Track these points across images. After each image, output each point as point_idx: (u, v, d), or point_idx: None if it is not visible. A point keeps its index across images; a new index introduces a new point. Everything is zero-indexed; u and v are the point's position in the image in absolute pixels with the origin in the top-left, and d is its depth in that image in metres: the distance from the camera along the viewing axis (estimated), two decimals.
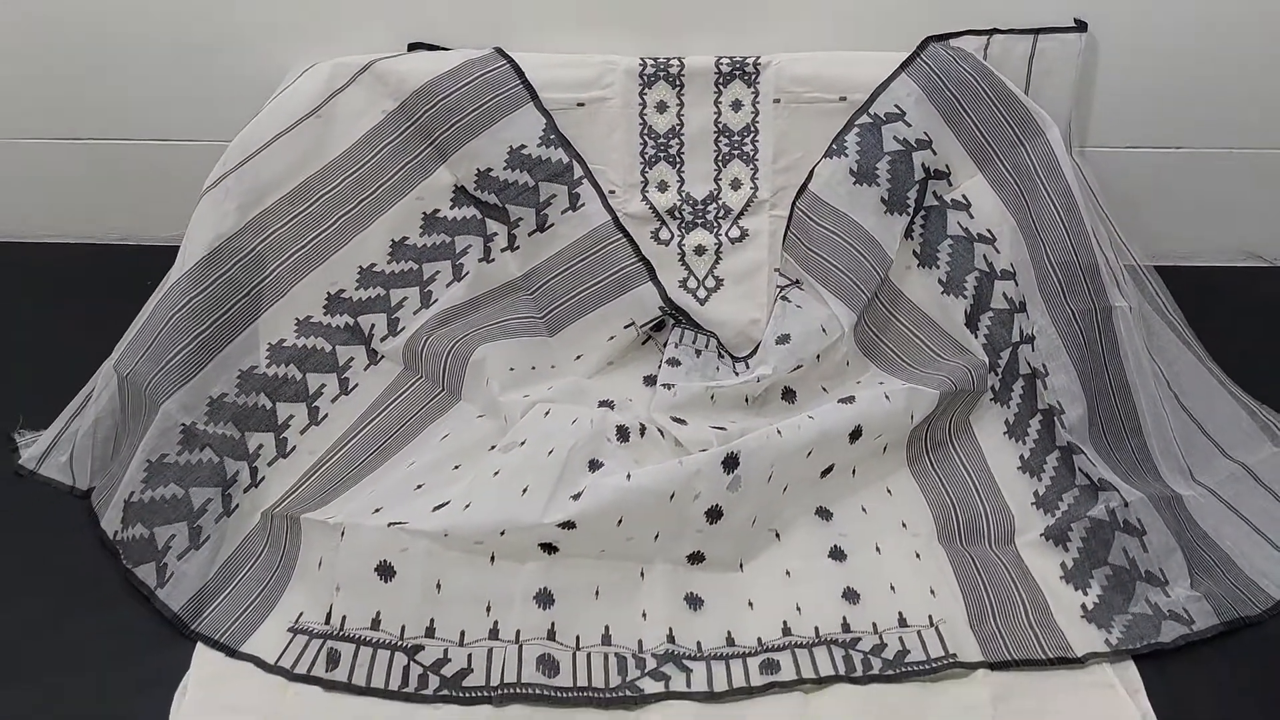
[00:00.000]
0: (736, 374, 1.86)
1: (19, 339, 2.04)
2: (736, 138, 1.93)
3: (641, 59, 1.89)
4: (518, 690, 1.46)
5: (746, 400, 1.81)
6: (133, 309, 1.86)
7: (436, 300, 1.91)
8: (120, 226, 2.25)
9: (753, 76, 1.89)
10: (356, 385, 1.85)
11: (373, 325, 1.88)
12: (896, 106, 1.84)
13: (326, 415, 1.81)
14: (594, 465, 1.63)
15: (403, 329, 1.88)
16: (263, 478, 1.73)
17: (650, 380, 1.89)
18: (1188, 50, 1.93)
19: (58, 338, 2.02)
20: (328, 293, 1.86)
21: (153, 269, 1.91)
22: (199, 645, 1.54)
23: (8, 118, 2.12)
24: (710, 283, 1.96)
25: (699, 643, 1.53)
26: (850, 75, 1.88)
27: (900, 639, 1.53)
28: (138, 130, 2.12)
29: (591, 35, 1.92)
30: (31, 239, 2.27)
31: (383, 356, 1.88)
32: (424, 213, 1.92)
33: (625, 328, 1.90)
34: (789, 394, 1.84)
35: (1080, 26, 1.86)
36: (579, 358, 1.91)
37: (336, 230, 1.87)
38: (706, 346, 1.91)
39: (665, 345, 1.90)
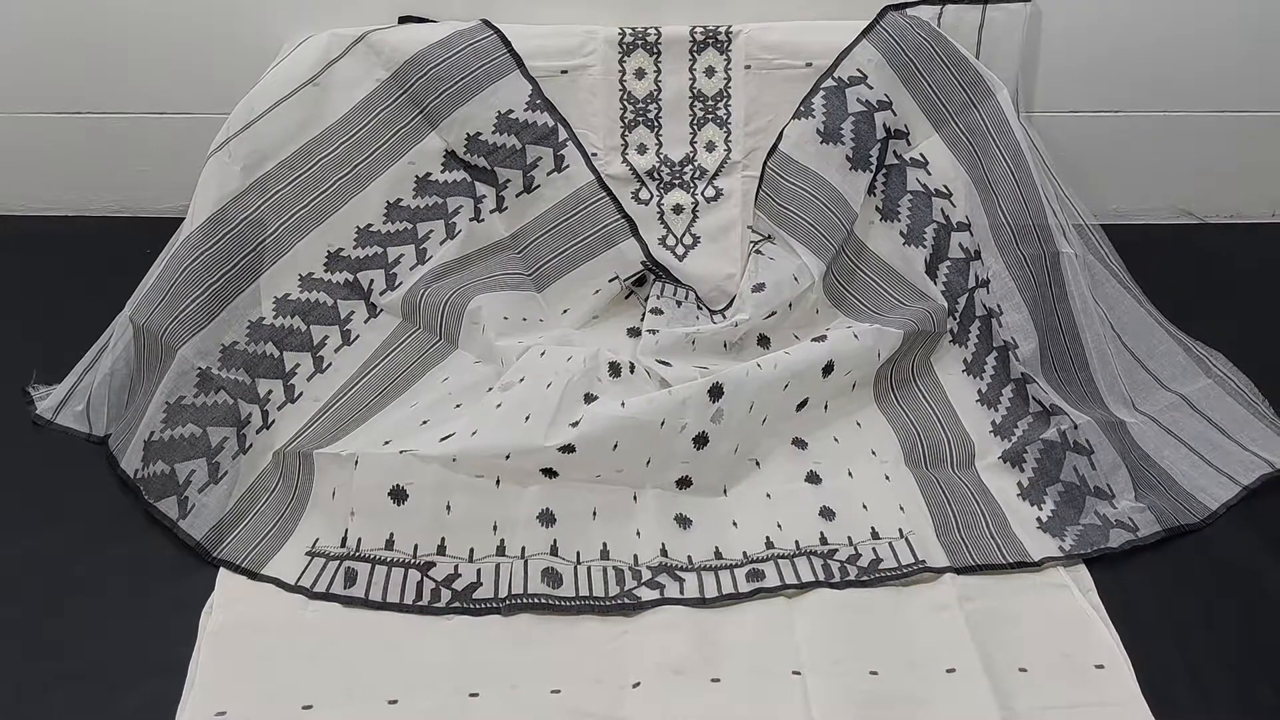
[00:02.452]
0: (714, 323, 1.98)
1: (21, 308, 2.11)
2: (711, 102, 2.04)
3: (621, 28, 1.99)
4: (524, 600, 1.58)
5: (725, 345, 1.93)
6: (133, 275, 1.93)
7: (431, 257, 2.00)
8: (118, 199, 2.31)
9: (725, 45, 2.00)
10: (358, 336, 1.95)
11: (371, 281, 1.97)
12: (859, 70, 1.97)
13: (330, 364, 1.91)
14: (588, 398, 1.74)
15: (400, 284, 1.98)
16: (273, 421, 1.82)
17: (634, 332, 2.00)
18: (1124, 21, 2.06)
19: (63, 302, 2.09)
20: (328, 251, 1.95)
21: (150, 239, 2.00)
22: (221, 570, 1.63)
23: (8, 93, 2.18)
24: (688, 240, 2.07)
25: (689, 556, 1.65)
26: (815, 42, 1.99)
27: (874, 549, 1.66)
28: (135, 104, 2.18)
29: (573, 6, 2.01)
30: (31, 212, 2.33)
31: (382, 310, 1.98)
32: (416, 176, 2.01)
33: (610, 281, 2.01)
34: (764, 340, 1.96)
35: None
36: (566, 311, 2.01)
37: (335, 192, 1.96)
38: (686, 298, 2.02)
39: (647, 298, 2.01)
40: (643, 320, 1.97)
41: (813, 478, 1.77)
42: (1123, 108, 2.17)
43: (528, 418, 1.68)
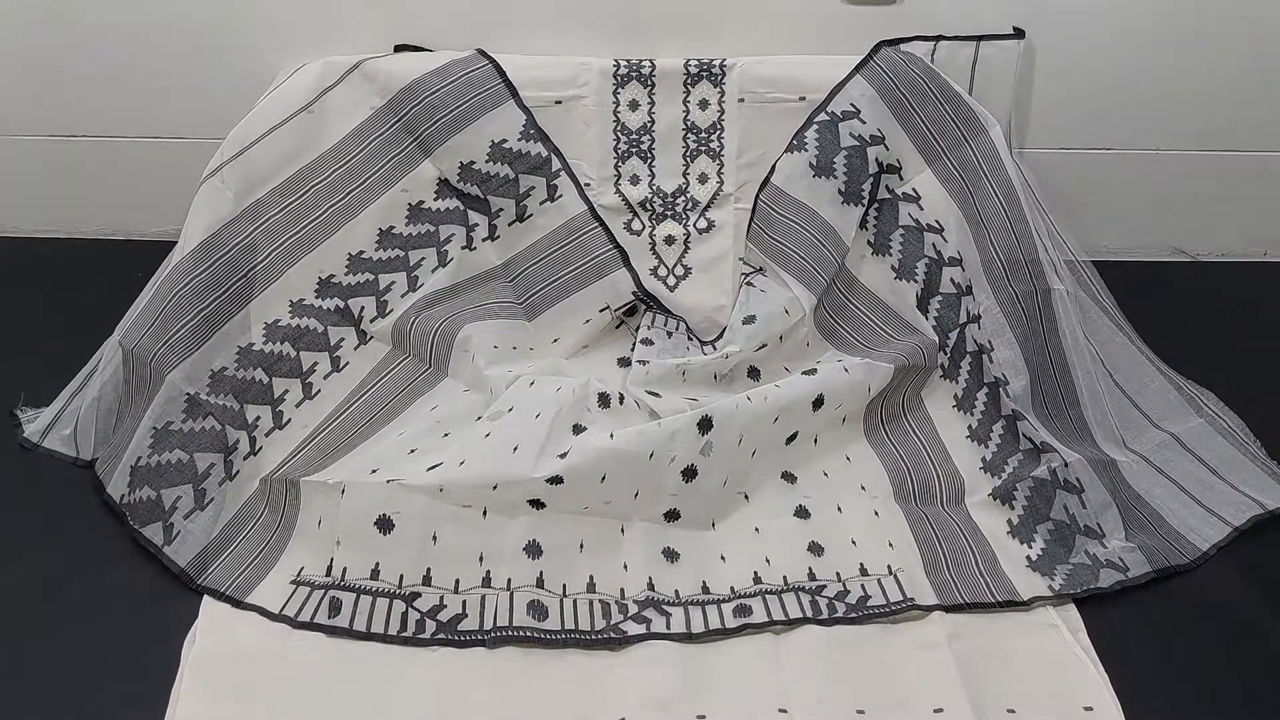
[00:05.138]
0: (705, 354, 1.97)
1: (11, 329, 2.10)
2: (704, 135, 2.04)
3: (615, 60, 2.00)
4: (510, 633, 1.56)
5: (715, 377, 1.92)
6: (125, 298, 1.93)
7: (422, 285, 2.00)
8: (112, 222, 2.31)
9: (719, 77, 2.01)
10: (347, 363, 1.94)
11: (362, 308, 1.97)
12: (852, 105, 1.97)
13: (320, 391, 1.90)
14: (577, 429, 1.73)
15: (391, 311, 1.98)
16: (260, 447, 1.82)
17: (624, 362, 1.99)
18: (1117, 59, 2.07)
19: (54, 325, 2.09)
20: (319, 277, 1.95)
21: (143, 263, 2.00)
22: (205, 598, 1.62)
23: (3, 115, 2.18)
24: (679, 271, 2.07)
25: (676, 591, 1.64)
26: (809, 76, 2.00)
27: (862, 586, 1.65)
28: (131, 128, 2.18)
29: (568, 37, 2.03)
30: (25, 234, 2.33)
31: (372, 337, 1.97)
32: (409, 203, 2.01)
33: (600, 311, 2.00)
34: (754, 373, 1.95)
35: (1018, 34, 2.01)
36: (556, 341, 2.00)
37: (327, 219, 1.96)
38: (677, 329, 2.01)
39: (638, 328, 2.00)
40: (633, 350, 1.96)
41: (801, 512, 1.77)
42: (1115, 145, 2.18)
43: (516, 448, 1.67)
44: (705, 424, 1.72)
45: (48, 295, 2.18)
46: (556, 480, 1.65)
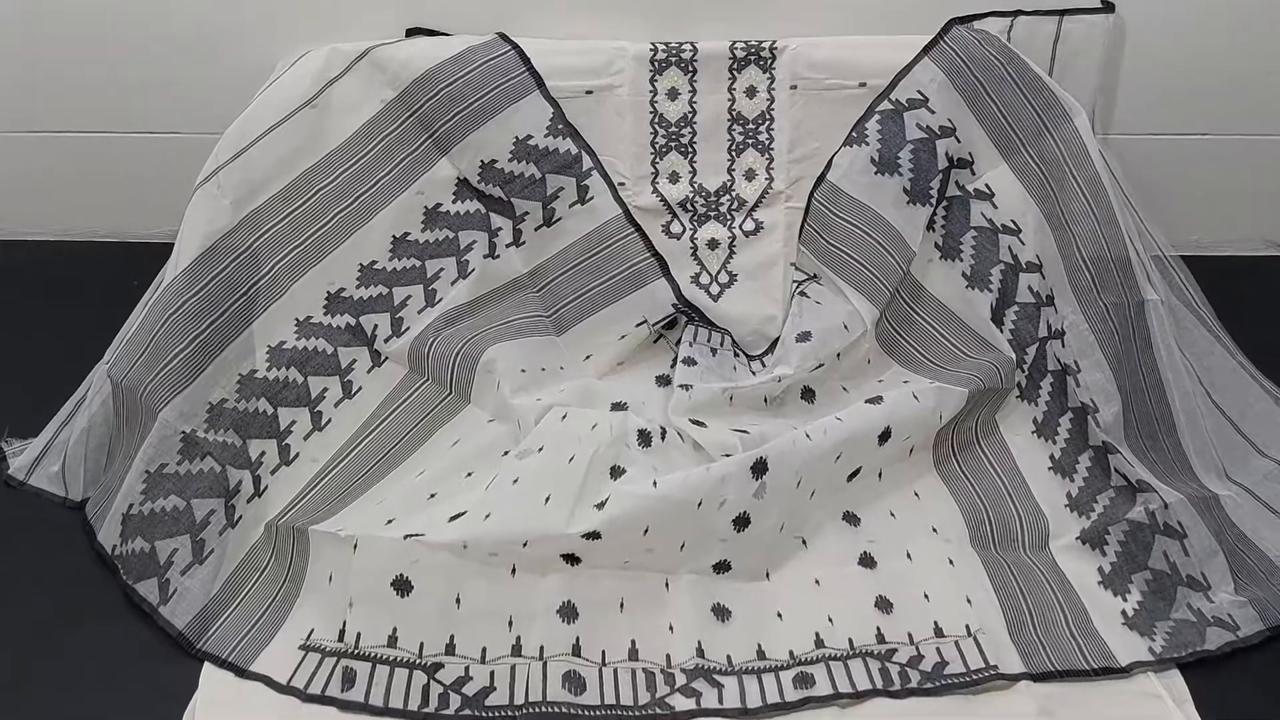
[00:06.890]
0: (753, 373, 1.84)
1: (2, 340, 1.99)
2: (751, 126, 1.90)
3: (652, 44, 1.87)
4: (544, 709, 1.43)
5: (765, 401, 1.78)
6: (120, 309, 1.85)
7: (441, 299, 1.88)
8: (107, 223, 2.21)
9: (768, 62, 1.87)
10: (360, 388, 1.82)
11: (375, 325, 1.85)
12: (919, 92, 1.82)
13: (330, 420, 1.79)
14: (616, 472, 1.59)
15: (407, 329, 1.86)
16: (266, 487, 1.70)
17: (663, 380, 1.86)
18: (1214, 34, 1.92)
19: (43, 339, 1.99)
20: (327, 292, 1.84)
21: (140, 267, 1.91)
22: (206, 665, 1.51)
23: None
24: (723, 278, 1.93)
25: (729, 656, 1.50)
26: (871, 60, 1.86)
27: (938, 650, 1.50)
28: (124, 124, 2.08)
29: (599, 19, 1.90)
30: (14, 236, 2.23)
31: (387, 358, 1.85)
32: (425, 207, 1.89)
33: (637, 326, 1.87)
34: (808, 394, 1.81)
35: (1108, 7, 1.85)
36: (588, 358, 1.88)
37: (335, 226, 1.85)
38: (721, 345, 1.87)
39: (678, 344, 1.87)
40: (673, 368, 1.83)
41: (867, 560, 1.61)
42: (1209, 130, 2.02)
43: (548, 499, 1.53)
44: (760, 467, 1.56)
45: (35, 304, 2.08)
46: (593, 535, 1.50)
